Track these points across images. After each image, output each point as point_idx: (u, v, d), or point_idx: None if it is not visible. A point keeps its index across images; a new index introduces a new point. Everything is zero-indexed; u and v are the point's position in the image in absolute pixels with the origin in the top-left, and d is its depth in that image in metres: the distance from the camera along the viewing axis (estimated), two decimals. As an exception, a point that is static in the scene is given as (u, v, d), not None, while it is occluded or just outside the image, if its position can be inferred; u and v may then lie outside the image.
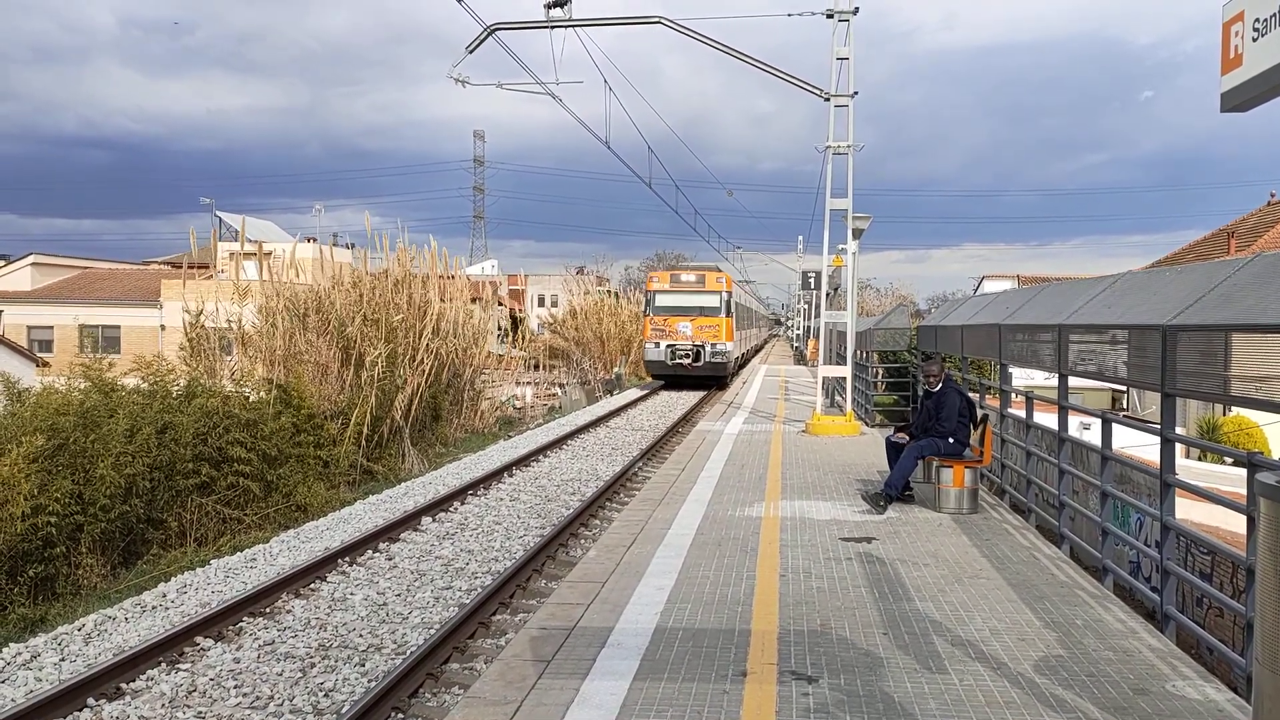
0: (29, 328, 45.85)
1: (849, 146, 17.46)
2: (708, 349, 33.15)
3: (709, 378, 34.13)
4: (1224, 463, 17.82)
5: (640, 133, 26.67)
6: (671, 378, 34.70)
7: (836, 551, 8.62)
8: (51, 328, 45.99)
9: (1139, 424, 10.66)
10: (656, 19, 17.30)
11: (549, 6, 16.81)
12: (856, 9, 17.06)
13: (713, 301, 33.99)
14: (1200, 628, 6.65)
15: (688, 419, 24.73)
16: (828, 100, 17.44)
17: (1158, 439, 7.08)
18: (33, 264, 51.52)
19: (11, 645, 8.62)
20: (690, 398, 32.10)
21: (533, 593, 9.90)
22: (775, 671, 5.67)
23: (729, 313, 33.99)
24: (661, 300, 34.25)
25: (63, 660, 8.31)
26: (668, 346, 33.27)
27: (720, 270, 36.31)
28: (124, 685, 7.43)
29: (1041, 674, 5.66)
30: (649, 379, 37.70)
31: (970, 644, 6.18)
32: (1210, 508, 9.85)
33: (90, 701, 7.11)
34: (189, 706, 7.11)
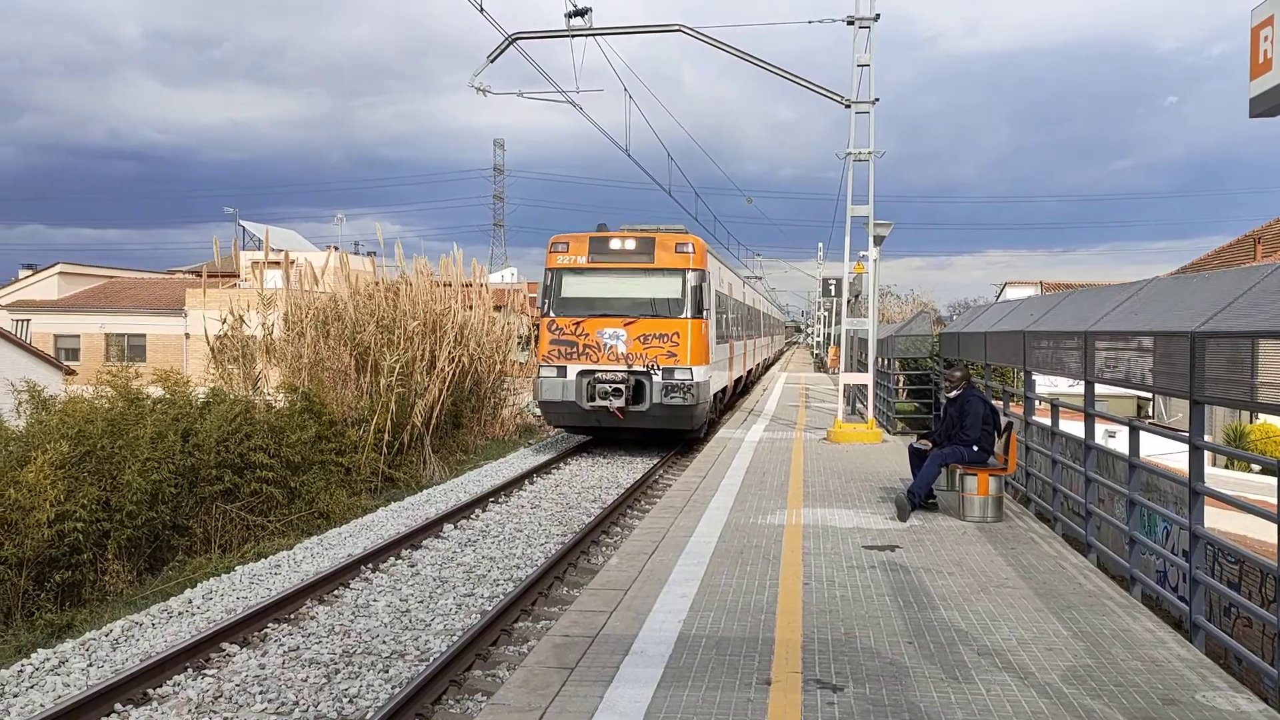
0: (56, 336, 46.36)
1: (870, 153, 17.42)
2: (658, 379, 18.38)
3: (663, 431, 19.66)
4: (1251, 470, 17.64)
5: (660, 140, 26.67)
6: (593, 431, 20.62)
7: (860, 560, 8.58)
8: (78, 336, 46.49)
9: (1167, 431, 10.57)
10: (676, 27, 17.34)
11: (569, 16, 16.87)
12: (878, 15, 17.04)
13: (668, 288, 18.95)
14: (1229, 637, 6.57)
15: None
16: (848, 107, 17.41)
17: (1183, 446, 7.01)
18: (60, 273, 52.10)
19: (40, 651, 8.69)
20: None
21: (555, 600, 9.90)
22: (800, 680, 5.65)
23: (701, 308, 18.95)
24: (573, 287, 19.38)
25: (90, 666, 8.37)
26: (582, 375, 18.68)
27: (685, 233, 20.15)
28: (151, 691, 7.48)
29: (1069, 684, 5.61)
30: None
31: (997, 653, 6.14)
32: (1237, 516, 9.76)
33: (118, 707, 7.16)
34: (215, 712, 7.15)
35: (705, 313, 19.12)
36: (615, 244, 19.23)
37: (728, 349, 24.36)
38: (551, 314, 19.21)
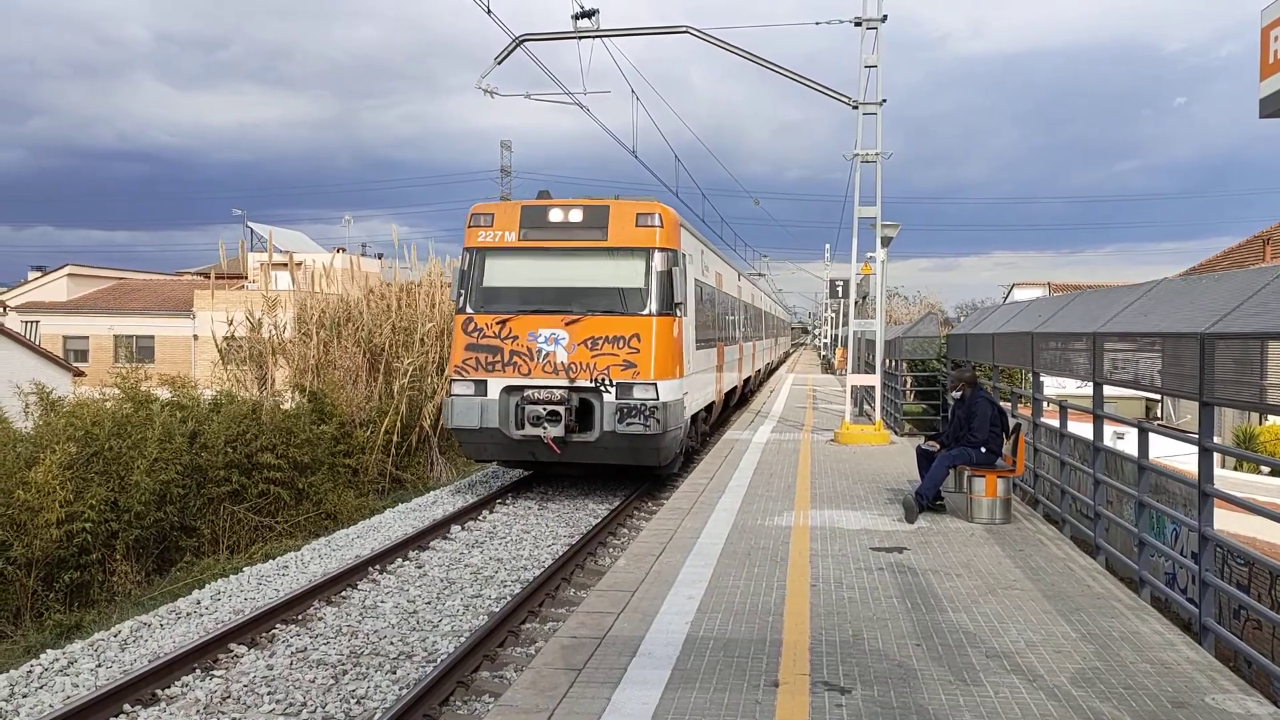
0: (65, 338, 46.53)
1: (877, 154, 17.40)
2: (610, 399, 13.91)
3: (621, 468, 15.41)
4: (1260, 472, 17.57)
5: (667, 142, 26.76)
6: (529, 466, 15.98)
7: (868, 561, 8.56)
8: (87, 338, 46.65)
9: (1175, 433, 10.53)
10: (684, 29, 17.34)
11: (576, 17, 16.88)
12: (885, 17, 17.02)
13: (626, 273, 14.54)
14: (1239, 639, 6.55)
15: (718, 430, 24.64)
16: (856, 108, 17.39)
17: (1191, 448, 6.99)
18: (69, 275, 52.29)
19: (49, 651, 8.72)
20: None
21: (562, 601, 9.90)
22: (808, 682, 5.64)
23: (671, 301, 14.45)
24: (498, 273, 14.87)
25: (99, 666, 8.40)
26: (508, 393, 14.13)
27: (653, 202, 15.06)
28: (159, 692, 7.50)
29: (1078, 686, 5.59)
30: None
31: (1005, 655, 6.12)
32: (1246, 518, 9.72)
33: (126, 708, 7.18)
34: (223, 713, 7.16)
35: (679, 308, 14.51)
36: (556, 215, 14.55)
37: (714, 355, 19.41)
38: (468, 309, 14.53)
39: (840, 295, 27.17)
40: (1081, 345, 9.25)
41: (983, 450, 10.43)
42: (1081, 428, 10.43)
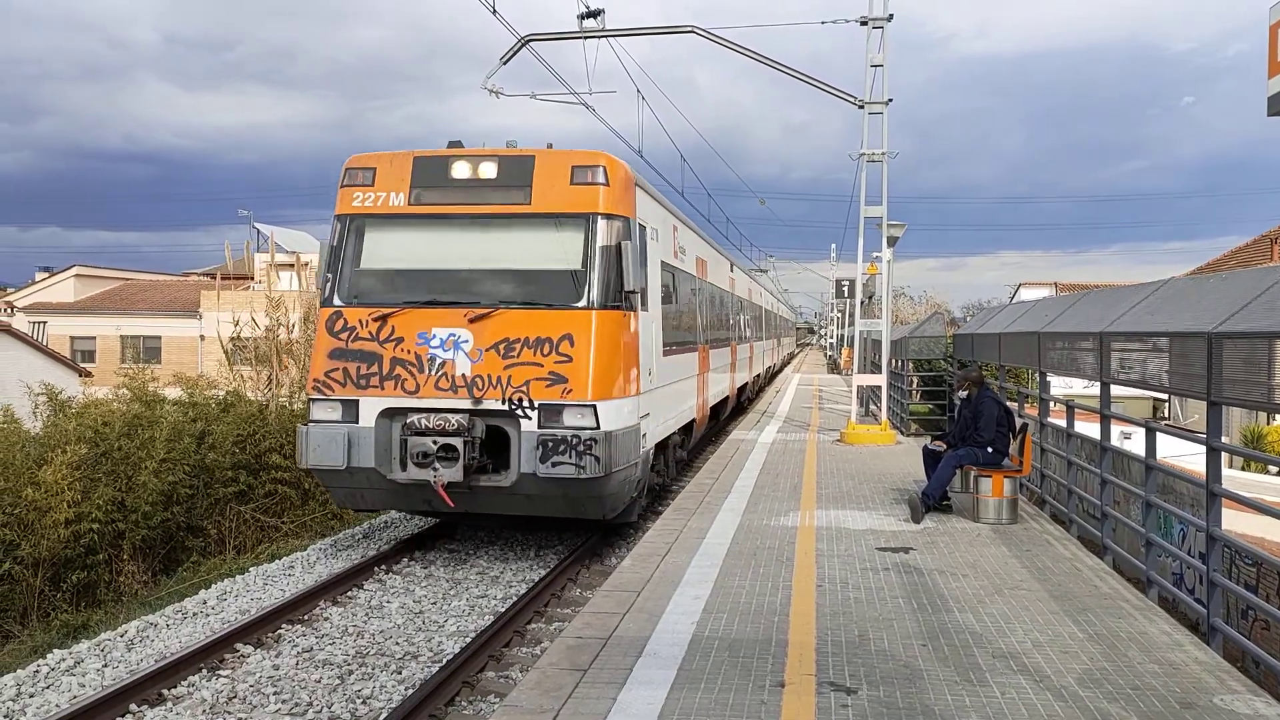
0: (72, 338, 46.69)
1: (883, 154, 17.37)
2: (529, 427, 10.13)
3: (553, 520, 11.97)
4: (1268, 472, 17.51)
5: (673, 142, 26.73)
6: (425, 513, 12.05)
7: (874, 561, 8.54)
8: (94, 338, 46.81)
9: (1183, 433, 10.50)
10: (689, 28, 17.32)
11: (582, 17, 16.88)
12: (891, 16, 16.99)
13: (556, 249, 10.73)
14: (1247, 640, 6.52)
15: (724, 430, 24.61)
16: (862, 108, 17.36)
17: (1199, 448, 6.96)
18: (76, 275, 52.47)
19: (55, 651, 8.73)
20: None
21: (568, 601, 9.89)
22: (814, 682, 5.63)
23: (621, 288, 10.64)
24: (379, 251, 11.16)
25: (105, 666, 8.41)
26: (387, 418, 10.41)
27: (597, 152, 10.98)
28: (166, 691, 7.50)
29: (1085, 687, 5.57)
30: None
31: (1012, 656, 6.10)
32: (1254, 518, 9.68)
33: (133, 708, 7.18)
34: (229, 713, 7.17)
35: (634, 298, 10.81)
36: (461, 170, 10.83)
37: (695, 360, 15.62)
38: (336, 301, 10.81)
39: (846, 295, 27.16)
40: (1088, 345, 9.22)
41: (989, 450, 10.41)
42: (1088, 427, 10.39)
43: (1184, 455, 13.45)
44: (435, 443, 10.02)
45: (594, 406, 10.06)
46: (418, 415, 10.19)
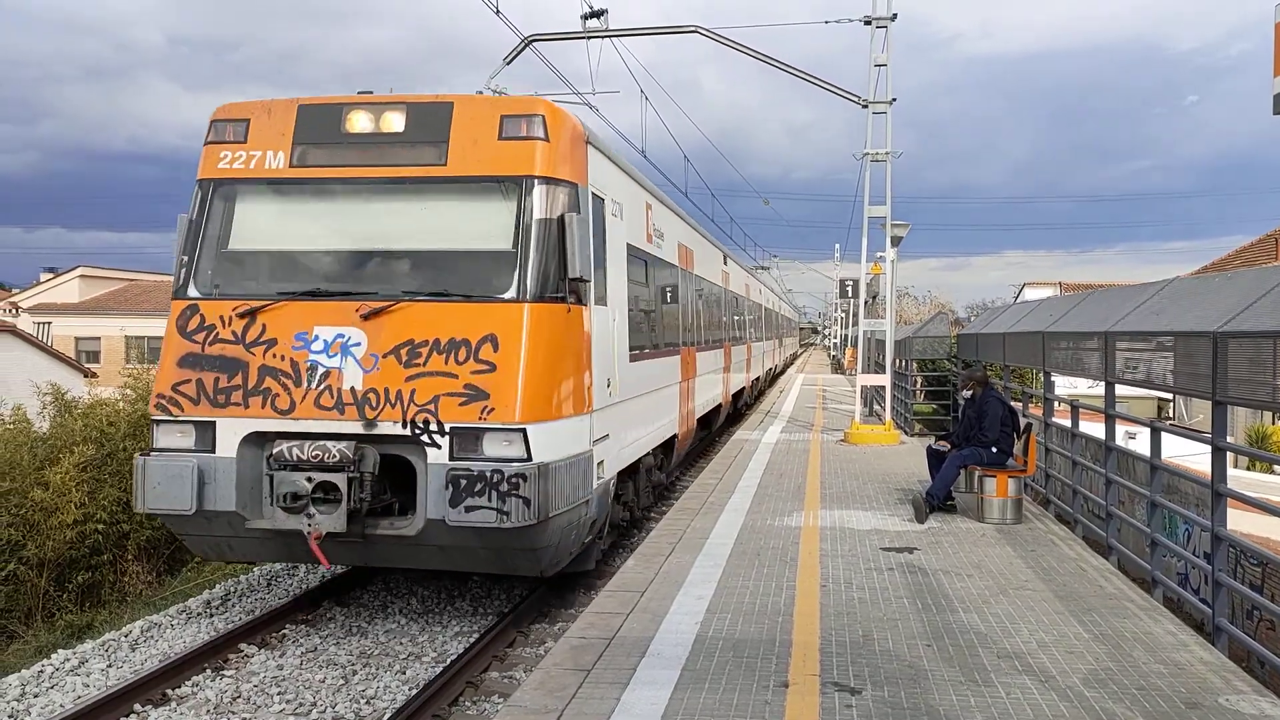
0: (77, 339, 46.82)
1: (887, 154, 17.37)
2: (438, 457, 7.79)
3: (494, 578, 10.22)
4: (1273, 472, 17.47)
5: (677, 143, 26.63)
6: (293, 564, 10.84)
7: (878, 561, 8.53)
8: (99, 339, 46.94)
9: (1188, 433, 10.48)
10: (693, 29, 17.32)
11: (586, 17, 16.89)
12: (895, 15, 16.99)
13: (478, 225, 8.50)
14: (1253, 640, 6.50)
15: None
16: (865, 107, 17.36)
17: (1204, 448, 6.95)
18: (80, 276, 52.61)
19: (60, 651, 8.75)
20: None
21: (571, 602, 9.89)
22: (818, 683, 5.62)
23: (563, 276, 8.31)
24: (252, 227, 8.83)
25: (110, 666, 8.42)
26: (252, 445, 8.11)
27: (534, 99, 8.91)
28: (170, 692, 7.51)
29: (1091, 687, 5.56)
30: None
31: (1017, 656, 6.09)
32: (1259, 517, 9.66)
33: (137, 708, 7.19)
34: (234, 713, 7.18)
35: (583, 287, 8.65)
36: (360, 121, 8.68)
37: (675, 365, 13.57)
38: (191, 292, 8.74)
39: (850, 295, 27.08)
40: (1093, 344, 9.21)
41: (994, 450, 10.39)
42: (1093, 427, 10.37)
43: (1189, 455, 13.42)
44: (310, 480, 7.72)
45: (523, 431, 7.75)
46: (288, 444, 7.88)
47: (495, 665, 8.00)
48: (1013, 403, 11.48)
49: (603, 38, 17.13)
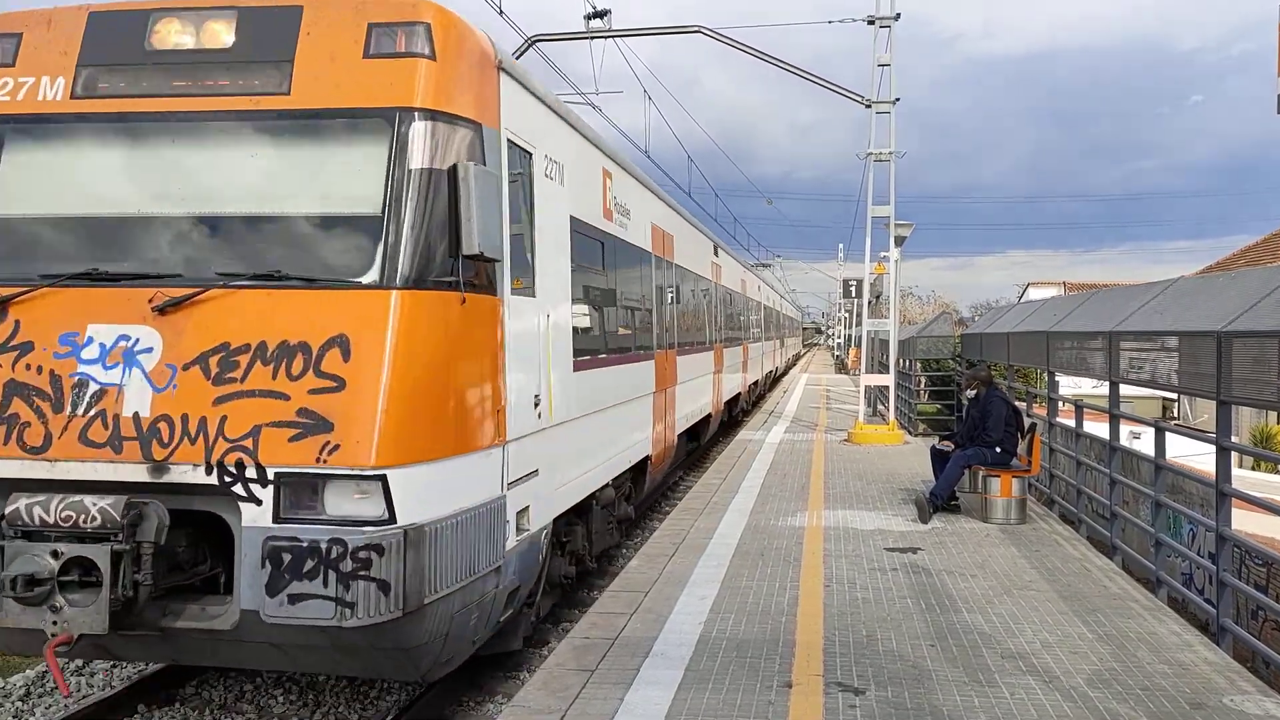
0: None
1: (891, 153, 17.36)
2: (259, 516, 5.23)
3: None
4: (1277, 471, 17.45)
5: (680, 143, 26.64)
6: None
7: (881, 562, 8.52)
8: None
9: (1192, 433, 10.46)
10: (696, 29, 17.32)
11: (589, 17, 16.90)
12: (898, 15, 16.99)
13: (333, 174, 5.88)
14: (1257, 640, 6.49)
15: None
16: (869, 107, 17.35)
17: (1208, 448, 6.94)
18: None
19: (65, 651, 8.74)
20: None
21: (574, 602, 9.88)
22: (821, 683, 5.62)
23: (452, 259, 5.77)
24: (16, 181, 6.09)
25: (114, 666, 8.42)
26: None
27: (421, 4, 5.87)
28: (174, 691, 7.52)
29: (1095, 687, 5.55)
30: None
31: (1021, 656, 6.08)
32: (1264, 517, 9.64)
33: (141, 708, 7.20)
34: (238, 713, 7.18)
35: (492, 269, 6.25)
36: (170, 34, 6.09)
37: (646, 373, 11.32)
38: None
39: (854, 295, 27.08)
40: (1097, 344, 9.19)
41: (998, 450, 10.37)
42: (1097, 427, 10.36)
43: (1193, 455, 13.41)
44: (58, 554, 5.23)
45: (382, 478, 5.28)
46: (29, 499, 5.30)
47: (498, 665, 7.99)
48: (1016, 402, 11.46)
49: (606, 38, 17.16)
